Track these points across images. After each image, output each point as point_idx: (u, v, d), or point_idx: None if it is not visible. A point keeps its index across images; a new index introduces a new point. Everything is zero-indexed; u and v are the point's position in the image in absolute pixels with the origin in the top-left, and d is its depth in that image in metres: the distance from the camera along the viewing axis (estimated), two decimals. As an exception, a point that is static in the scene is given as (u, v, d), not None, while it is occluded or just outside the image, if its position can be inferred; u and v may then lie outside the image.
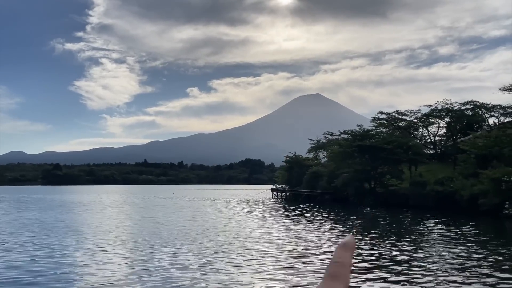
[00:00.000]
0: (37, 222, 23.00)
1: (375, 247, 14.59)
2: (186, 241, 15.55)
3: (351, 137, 44.67)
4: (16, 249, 14.20)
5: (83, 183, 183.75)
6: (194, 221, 23.77)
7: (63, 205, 40.28)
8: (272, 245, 14.93)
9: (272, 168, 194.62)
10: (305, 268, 11.07)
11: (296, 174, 59.85)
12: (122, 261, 11.97)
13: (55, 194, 72.39)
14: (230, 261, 11.56)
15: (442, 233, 18.47)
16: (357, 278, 9.96)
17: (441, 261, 11.90)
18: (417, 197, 34.09)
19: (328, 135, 62.24)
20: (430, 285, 9.23)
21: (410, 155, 41.07)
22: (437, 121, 52.54)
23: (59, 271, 10.78)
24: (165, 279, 9.77)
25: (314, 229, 20.13)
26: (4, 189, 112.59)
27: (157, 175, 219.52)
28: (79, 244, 15.22)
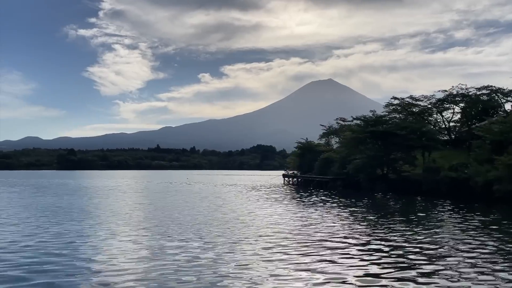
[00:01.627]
0: (60, 207, 23.26)
1: (386, 233, 14.53)
2: (203, 227, 15.68)
3: (364, 123, 44.22)
4: (33, 232, 14.49)
5: (97, 168, 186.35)
6: (210, 206, 23.88)
7: (83, 190, 40.82)
8: (286, 231, 14.97)
9: (283, 154, 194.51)
10: (322, 253, 11.10)
11: (308, 160, 59.76)
12: (138, 246, 12.13)
13: (72, 179, 73.59)
14: (245, 247, 11.59)
15: (455, 219, 18.30)
16: (365, 262, 9.95)
17: (453, 247, 11.80)
18: (430, 183, 33.76)
19: (340, 121, 61.75)
20: (441, 270, 9.17)
21: (423, 141, 40.56)
22: (451, 107, 51.67)
23: (75, 255, 10.97)
24: (179, 265, 9.88)
25: (328, 215, 20.13)
26: (21, 173, 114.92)
27: (169, 161, 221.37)
28: (98, 229, 15.46)
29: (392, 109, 53.23)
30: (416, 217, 18.97)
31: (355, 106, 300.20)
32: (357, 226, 15.82)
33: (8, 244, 12.01)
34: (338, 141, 59.68)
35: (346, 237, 13.40)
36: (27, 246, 11.85)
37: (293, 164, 70.32)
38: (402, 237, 13.41)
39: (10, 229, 15.05)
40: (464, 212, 20.84)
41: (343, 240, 12.75)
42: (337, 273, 8.80)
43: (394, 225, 16.17)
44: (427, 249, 11.39)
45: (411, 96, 52.55)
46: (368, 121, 43.73)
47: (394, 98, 53.67)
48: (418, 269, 9.13)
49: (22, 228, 15.24)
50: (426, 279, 8.37)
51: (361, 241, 12.72)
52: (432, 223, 17.16)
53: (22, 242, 12.45)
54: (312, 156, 58.58)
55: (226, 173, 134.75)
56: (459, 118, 52.78)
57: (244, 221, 17.02)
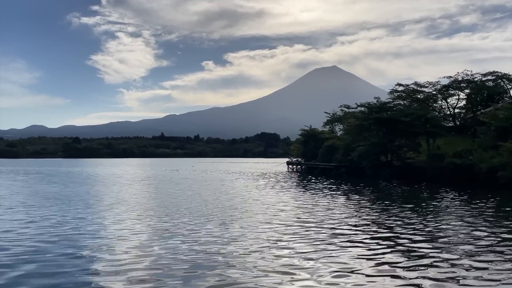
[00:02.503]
0: (71, 195, 23.31)
1: (393, 220, 14.62)
2: (211, 214, 15.79)
3: (368, 110, 44.05)
4: (42, 220, 14.69)
5: (102, 156, 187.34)
6: (217, 194, 23.93)
7: (91, 178, 40.85)
8: (293, 218, 15.08)
9: (287, 142, 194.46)
10: (329, 240, 11.19)
11: (312, 147, 59.77)
12: (147, 233, 12.28)
13: (79, 167, 74.09)
14: (252, 235, 11.67)
15: (459, 205, 18.35)
16: (373, 250, 10.02)
17: (457, 233, 11.86)
18: (434, 170, 33.75)
19: (344, 108, 61.53)
20: (444, 256, 9.24)
21: (428, 128, 40.41)
22: (457, 93, 51.37)
23: (83, 241, 11.14)
24: (186, 249, 10.01)
25: (333, 202, 20.23)
26: (27, 162, 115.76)
27: (174, 149, 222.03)
28: (108, 215, 15.65)
29: (396, 95, 52.99)
30: (422, 204, 18.99)
31: (360, 93, 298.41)
32: (363, 214, 15.87)
33: (14, 230, 12.20)
34: (342, 128, 59.60)
35: (352, 224, 13.37)
36: (34, 233, 12.02)
37: (297, 152, 70.39)
38: (410, 224, 13.34)
39: (16, 216, 15.26)
40: (468, 199, 20.87)
41: (350, 228, 12.68)
42: (345, 263, 8.71)
43: (400, 212, 16.20)
44: (435, 237, 11.28)
45: (415, 83, 52.26)
46: (372, 108, 43.55)
47: (399, 84, 53.38)
48: (428, 258, 8.93)
49: (28, 215, 15.45)
50: (437, 269, 8.16)
51: (368, 228, 12.63)
52: (439, 210, 17.18)
53: (26, 228, 12.64)
54: (316, 144, 58.59)
55: (230, 160, 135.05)
56: (464, 104, 52.50)
57: (251, 209, 17.12)
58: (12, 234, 11.74)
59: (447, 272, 7.93)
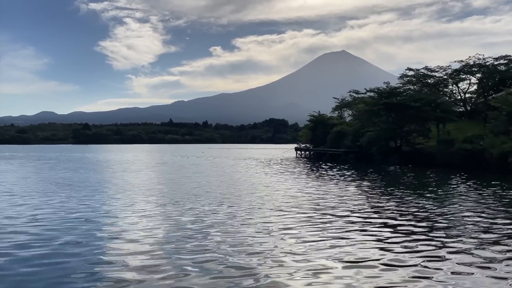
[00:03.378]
0: (89, 181, 23.35)
1: (406, 207, 14.60)
2: (223, 200, 15.83)
3: (377, 95, 43.70)
4: (60, 205, 14.92)
5: (111, 142, 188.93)
6: (228, 180, 23.86)
7: (103, 163, 41.05)
8: (304, 204, 15.11)
9: (296, 128, 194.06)
10: (341, 228, 11.23)
11: (320, 133, 59.62)
12: (159, 220, 12.42)
13: (91, 153, 74.79)
14: (263, 222, 11.70)
15: (469, 190, 18.24)
16: (388, 239, 10.05)
17: (465, 219, 11.83)
18: (444, 155, 33.52)
19: (353, 93, 61.08)
20: (453, 242, 9.24)
21: (438, 113, 40.01)
22: (468, 78, 50.70)
23: (95, 226, 11.32)
24: (198, 233, 10.11)
25: (343, 188, 20.23)
26: (39, 148, 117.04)
27: (182, 135, 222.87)
28: (123, 202, 15.84)
29: (406, 80, 52.49)
30: (435, 190, 18.79)
31: (369, 78, 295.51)
32: (374, 200, 15.75)
33: (23, 215, 12.42)
34: (351, 114, 59.25)
35: (365, 212, 13.15)
36: (48, 219, 12.22)
37: (305, 138, 70.27)
38: (424, 211, 13.21)
39: (34, 202, 15.50)
40: (480, 185, 20.70)
41: (363, 215, 12.53)
42: (359, 250, 8.65)
43: (413, 199, 16.11)
44: (451, 226, 11.12)
45: (426, 67, 51.66)
46: (382, 93, 43.19)
47: (409, 69, 52.83)
48: (445, 247, 8.69)
49: (41, 200, 15.70)
50: (451, 260, 7.87)
51: (381, 216, 12.42)
52: (452, 196, 17.00)
53: (42, 214, 12.84)
54: (324, 129, 58.42)
55: (239, 147, 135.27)
56: (475, 89, 51.83)
57: (262, 195, 17.11)
58: (25, 219, 11.94)
59: (461, 264, 7.83)
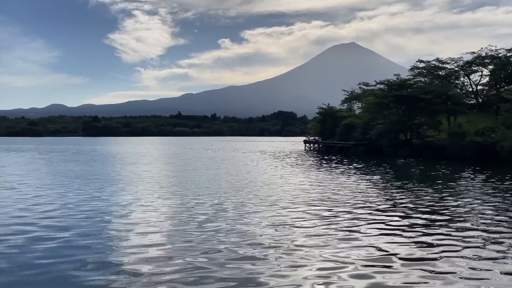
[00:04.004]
0: (104, 174, 23.49)
1: (410, 197, 14.50)
2: (235, 193, 15.87)
3: (388, 87, 43.28)
4: (74, 197, 15.06)
5: (121, 134, 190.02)
6: (240, 173, 23.61)
7: (117, 156, 41.06)
8: (317, 197, 15.05)
9: (304, 120, 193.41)
10: (355, 221, 11.19)
11: (329, 125, 59.36)
12: (170, 213, 12.48)
13: (102, 145, 75.17)
14: (275, 214, 11.68)
15: (482, 184, 18.04)
16: (406, 234, 9.99)
17: (476, 212, 11.71)
18: (455, 148, 33.19)
19: (363, 85, 60.56)
20: (462, 236, 9.15)
21: (449, 105, 39.58)
22: (480, 69, 49.96)
23: (108, 219, 11.41)
24: (213, 230, 10.15)
25: (354, 181, 20.14)
26: (50, 140, 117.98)
27: (191, 127, 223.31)
28: (137, 196, 15.94)
29: (417, 72, 51.88)
30: (447, 183, 18.55)
31: (379, 70, 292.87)
32: (387, 194, 15.56)
33: (34, 208, 12.55)
34: (361, 107, 58.83)
35: (378, 205, 13.04)
36: (63, 211, 12.34)
37: (314, 130, 69.99)
38: (438, 205, 13.08)
39: (54, 195, 15.65)
40: (493, 178, 20.44)
41: (376, 208, 12.43)
42: (374, 246, 8.49)
43: (425, 192, 15.92)
44: (465, 219, 10.99)
45: (437, 59, 50.97)
46: (392, 85, 42.77)
47: (420, 61, 52.19)
48: (462, 241, 8.57)
49: (57, 192, 15.85)
50: (469, 258, 7.62)
51: (396, 209, 12.22)
52: (463, 190, 16.73)
53: (50, 205, 12.98)
54: (333, 122, 58.15)
55: (247, 139, 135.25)
56: (487, 81, 51.08)
57: (273, 188, 17.04)
58: (38, 211, 12.07)
59: (479, 259, 7.76)
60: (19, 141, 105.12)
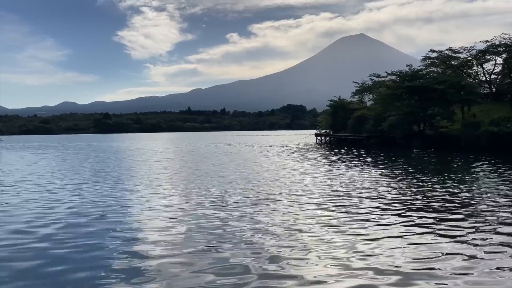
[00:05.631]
0: (126, 171, 23.64)
1: (420, 187, 14.44)
2: (254, 188, 15.94)
3: (400, 78, 42.95)
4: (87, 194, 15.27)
5: (132, 131, 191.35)
6: (256, 168, 23.41)
7: (137, 153, 40.94)
8: (334, 191, 15.02)
9: (314, 113, 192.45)
10: (371, 215, 11.20)
11: (340, 118, 59.08)
12: (178, 209, 12.59)
13: (116, 141, 75.87)
14: (289, 209, 11.68)
15: (496, 174, 17.88)
16: (399, 219, 9.98)
17: (491, 201, 11.64)
18: (470, 138, 32.90)
19: (374, 77, 60.10)
20: (475, 225, 9.12)
21: (462, 95, 39.17)
22: (493, 58, 49.25)
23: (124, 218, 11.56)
24: (221, 227, 10.23)
25: (370, 174, 20.03)
26: (64, 138, 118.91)
27: (201, 122, 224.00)
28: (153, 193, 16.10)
29: (429, 62, 51.33)
30: (465, 174, 18.39)
31: (389, 62, 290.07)
32: (405, 186, 15.38)
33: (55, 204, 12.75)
34: (372, 98, 58.43)
35: (396, 198, 12.90)
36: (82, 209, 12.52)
37: (325, 123, 69.72)
38: (457, 196, 12.90)
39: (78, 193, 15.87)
40: (503, 167, 20.24)
41: (395, 202, 12.32)
42: (388, 238, 8.51)
43: (444, 183, 15.83)
44: (485, 211, 10.90)
45: (450, 48, 50.39)
46: (404, 76, 42.43)
47: (432, 51, 51.63)
48: (481, 232, 8.44)
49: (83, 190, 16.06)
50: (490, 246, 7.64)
51: (415, 204, 11.99)
52: (486, 180, 16.58)
53: (79, 203, 13.17)
54: (344, 114, 57.82)
55: (257, 133, 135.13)
56: (500, 70, 50.34)
57: (288, 182, 16.93)
58: (64, 209, 12.27)
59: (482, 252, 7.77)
60: (34, 139, 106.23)
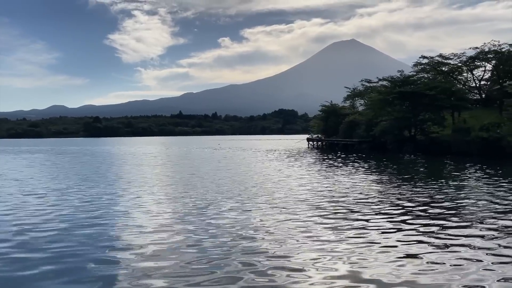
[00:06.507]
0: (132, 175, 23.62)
1: (412, 192, 14.49)
2: (247, 193, 15.90)
3: (391, 84, 43.24)
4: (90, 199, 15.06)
5: (122, 134, 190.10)
6: (251, 173, 23.46)
7: (130, 156, 40.60)
8: (327, 196, 15.04)
9: (305, 118, 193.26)
10: (365, 220, 11.19)
11: (332, 123, 59.27)
12: (173, 213, 12.48)
13: (108, 145, 74.85)
14: (280, 214, 11.71)
15: (485, 178, 18.02)
16: (390, 224, 9.99)
17: (481, 205, 11.70)
18: (460, 144, 33.18)
19: (365, 82, 60.50)
20: (466, 229, 9.16)
21: (453, 101, 39.54)
22: (483, 64, 49.92)
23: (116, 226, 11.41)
24: (213, 227, 10.13)
25: (361, 179, 20.11)
26: (54, 141, 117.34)
27: (192, 127, 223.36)
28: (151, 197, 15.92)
29: (420, 68, 51.84)
30: (456, 179, 18.53)
31: (379, 67, 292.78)
32: (398, 191, 15.55)
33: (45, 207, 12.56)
34: (363, 104, 58.77)
35: (388, 202, 13.10)
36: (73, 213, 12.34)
37: (317, 128, 69.90)
38: (448, 201, 13.03)
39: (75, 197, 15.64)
40: (497, 173, 20.42)
41: (386, 206, 12.42)
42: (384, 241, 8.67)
43: (435, 188, 15.94)
44: (468, 219, 11.16)
45: (440, 55, 50.95)
46: (395, 82, 42.74)
47: (423, 57, 52.19)
48: (479, 238, 8.50)
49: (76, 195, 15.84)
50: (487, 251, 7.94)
51: (408, 207, 12.22)
52: (470, 185, 16.80)
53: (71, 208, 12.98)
54: (336, 119, 58.03)
55: (249, 138, 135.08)
56: (489, 76, 51.02)
57: (281, 187, 16.95)
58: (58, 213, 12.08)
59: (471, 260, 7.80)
60: (24, 143, 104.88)
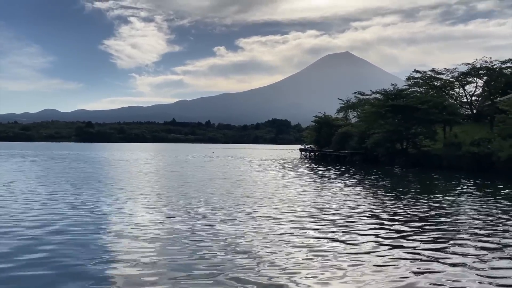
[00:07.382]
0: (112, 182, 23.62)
1: (410, 207, 14.57)
2: (241, 204, 15.87)
3: (384, 97, 43.65)
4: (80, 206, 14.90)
5: (115, 140, 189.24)
6: (245, 183, 23.61)
7: (123, 163, 40.15)
8: (318, 207, 15.08)
9: (298, 128, 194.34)
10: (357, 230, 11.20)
11: (325, 134, 59.58)
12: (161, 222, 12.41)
13: (99, 151, 74.09)
14: (271, 224, 11.71)
15: (475, 193, 18.17)
16: (382, 239, 10.02)
17: (469, 220, 11.78)
18: (451, 158, 33.45)
19: (358, 94, 61.04)
20: (454, 243, 9.21)
21: (444, 116, 39.97)
22: (474, 80, 50.68)
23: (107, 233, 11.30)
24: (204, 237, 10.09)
25: (353, 191, 20.16)
26: (45, 145, 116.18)
27: (185, 134, 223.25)
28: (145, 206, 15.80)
29: (413, 82, 52.48)
30: (446, 193, 18.67)
31: (373, 80, 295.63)
32: (389, 203, 15.62)
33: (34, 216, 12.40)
34: (356, 115, 59.20)
35: (378, 215, 13.22)
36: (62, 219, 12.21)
37: (310, 138, 70.26)
38: (438, 214, 13.19)
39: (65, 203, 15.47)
40: (487, 189, 20.62)
41: (380, 220, 12.59)
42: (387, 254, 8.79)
43: (424, 201, 16.07)
44: (456, 232, 11.29)
45: (433, 69, 51.64)
46: (388, 95, 43.14)
47: (416, 71, 52.83)
48: (469, 256, 8.49)
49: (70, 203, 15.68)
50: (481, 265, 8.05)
51: (400, 219, 12.35)
52: (460, 199, 16.98)
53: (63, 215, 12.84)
54: (329, 130, 58.37)
55: (242, 147, 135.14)
56: (480, 92, 51.76)
57: (274, 197, 17.00)
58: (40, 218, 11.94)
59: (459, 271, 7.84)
60: (15, 146, 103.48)
